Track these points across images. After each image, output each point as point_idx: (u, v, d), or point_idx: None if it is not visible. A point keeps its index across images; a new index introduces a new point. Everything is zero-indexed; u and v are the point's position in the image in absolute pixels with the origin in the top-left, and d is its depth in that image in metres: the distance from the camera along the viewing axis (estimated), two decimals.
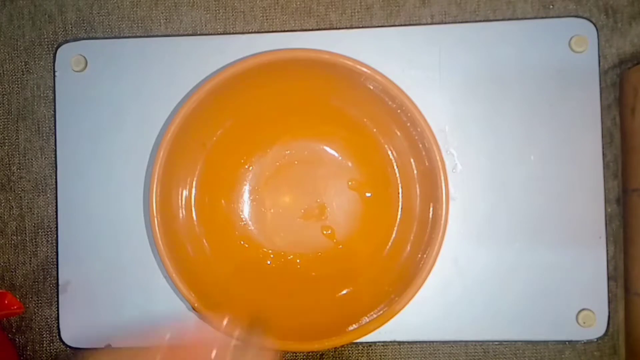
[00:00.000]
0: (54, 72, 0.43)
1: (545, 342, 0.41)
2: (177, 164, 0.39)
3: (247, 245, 0.42)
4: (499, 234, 0.41)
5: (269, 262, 0.42)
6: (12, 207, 0.44)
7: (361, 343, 0.41)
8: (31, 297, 0.43)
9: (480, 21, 0.42)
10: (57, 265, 0.43)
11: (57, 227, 0.43)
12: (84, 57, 0.43)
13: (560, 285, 0.40)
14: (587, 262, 0.40)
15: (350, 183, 0.42)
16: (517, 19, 0.42)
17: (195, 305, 0.38)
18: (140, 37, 0.43)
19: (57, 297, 0.43)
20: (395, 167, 0.41)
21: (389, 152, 0.41)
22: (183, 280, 0.38)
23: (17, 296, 0.43)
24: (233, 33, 0.43)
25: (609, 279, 0.41)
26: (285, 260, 0.42)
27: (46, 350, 0.43)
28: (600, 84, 0.41)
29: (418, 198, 0.40)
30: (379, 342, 0.41)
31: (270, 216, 0.42)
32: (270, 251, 0.42)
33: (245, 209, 0.42)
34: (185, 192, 0.41)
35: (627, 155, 0.41)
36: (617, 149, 0.41)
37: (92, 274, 0.42)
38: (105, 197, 0.42)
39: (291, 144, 0.42)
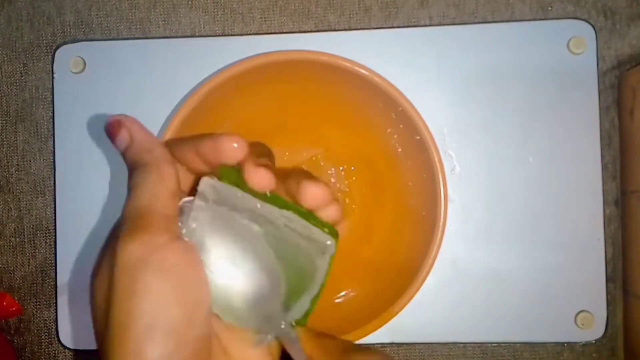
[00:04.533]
0: (53, 73, 0.43)
1: (544, 344, 0.41)
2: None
3: None
4: (498, 235, 0.41)
5: None
6: (11, 208, 0.44)
7: (360, 345, 0.41)
8: (29, 299, 0.43)
9: (478, 23, 0.42)
10: (56, 266, 0.43)
11: (55, 228, 0.43)
12: (83, 59, 0.43)
13: (559, 287, 0.40)
14: (585, 264, 0.40)
15: (348, 185, 0.42)
16: (516, 20, 0.42)
17: None
18: (139, 38, 0.43)
19: (56, 299, 0.43)
20: (393, 168, 0.41)
21: (388, 154, 0.41)
22: None
23: (16, 298, 0.43)
24: (231, 35, 0.43)
25: (607, 280, 0.41)
26: None
27: (44, 351, 0.43)
28: (598, 86, 0.41)
29: (417, 199, 0.40)
30: (377, 343, 0.41)
31: None
32: None
33: None
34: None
35: (626, 157, 0.41)
36: (616, 150, 0.41)
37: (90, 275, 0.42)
38: (104, 199, 0.42)
39: (290, 146, 0.42)
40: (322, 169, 0.42)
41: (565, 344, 0.41)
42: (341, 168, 0.42)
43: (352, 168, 0.42)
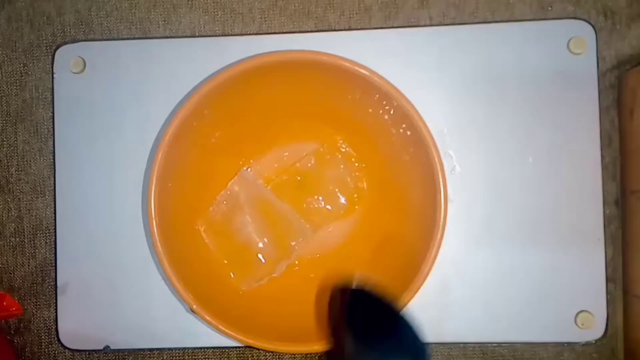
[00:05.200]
0: (53, 73, 0.43)
1: (544, 344, 0.41)
2: (176, 165, 0.39)
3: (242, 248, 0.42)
4: (498, 235, 0.41)
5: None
6: (11, 208, 0.44)
7: None
8: (29, 299, 0.43)
9: (478, 23, 0.42)
10: (56, 267, 0.43)
11: (55, 228, 0.43)
12: (83, 59, 0.43)
13: (559, 287, 0.40)
14: (585, 264, 0.40)
15: (344, 191, 0.42)
16: (516, 20, 0.42)
17: (194, 307, 0.38)
18: (139, 38, 0.43)
19: (56, 299, 0.43)
20: (393, 168, 0.41)
21: (387, 154, 0.41)
22: (181, 282, 0.38)
23: (16, 298, 0.43)
24: (231, 35, 0.43)
25: (607, 280, 0.41)
26: None
27: (44, 352, 0.43)
28: (598, 86, 0.41)
29: (417, 199, 0.40)
30: None
31: (269, 217, 0.42)
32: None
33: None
34: (184, 194, 0.41)
35: (626, 157, 0.41)
36: (616, 150, 0.41)
37: (90, 275, 0.42)
38: (104, 199, 0.42)
39: (290, 146, 0.42)
40: (325, 170, 0.42)
41: (566, 344, 0.41)
42: (341, 167, 0.42)
43: (349, 165, 0.42)
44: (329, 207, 0.42)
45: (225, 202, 0.41)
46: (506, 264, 0.41)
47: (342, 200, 0.42)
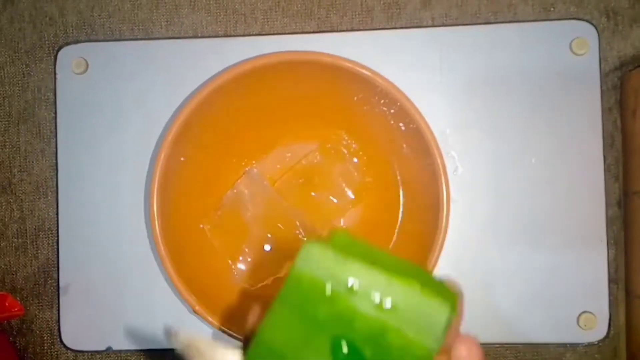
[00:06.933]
0: (55, 74, 0.43)
1: (547, 345, 0.41)
2: (178, 166, 0.39)
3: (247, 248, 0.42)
4: (500, 236, 0.41)
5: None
6: (13, 209, 0.44)
7: None
8: (32, 300, 0.43)
9: (481, 24, 0.42)
10: (58, 267, 0.43)
11: (57, 229, 0.43)
12: (85, 60, 0.43)
13: (562, 288, 0.40)
14: (588, 265, 0.40)
15: (351, 185, 0.42)
16: (518, 21, 0.42)
17: (196, 307, 0.38)
18: (141, 39, 0.43)
19: (58, 300, 0.43)
20: (396, 169, 0.41)
21: (390, 155, 0.41)
22: (184, 283, 0.38)
23: (18, 298, 0.43)
24: (234, 35, 0.43)
25: (610, 281, 0.40)
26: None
27: (47, 352, 0.43)
28: (601, 87, 0.41)
29: (419, 200, 0.40)
30: None
31: (275, 218, 0.42)
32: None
33: None
34: (186, 195, 0.41)
35: (628, 158, 0.41)
36: (618, 151, 0.41)
37: (92, 276, 0.42)
38: (106, 200, 0.42)
39: (292, 147, 0.42)
40: (327, 171, 0.42)
41: (568, 345, 0.41)
42: (347, 161, 0.42)
43: (352, 165, 0.42)
44: (335, 200, 0.42)
45: (231, 202, 0.41)
46: (508, 265, 0.41)
47: (350, 193, 0.42)
